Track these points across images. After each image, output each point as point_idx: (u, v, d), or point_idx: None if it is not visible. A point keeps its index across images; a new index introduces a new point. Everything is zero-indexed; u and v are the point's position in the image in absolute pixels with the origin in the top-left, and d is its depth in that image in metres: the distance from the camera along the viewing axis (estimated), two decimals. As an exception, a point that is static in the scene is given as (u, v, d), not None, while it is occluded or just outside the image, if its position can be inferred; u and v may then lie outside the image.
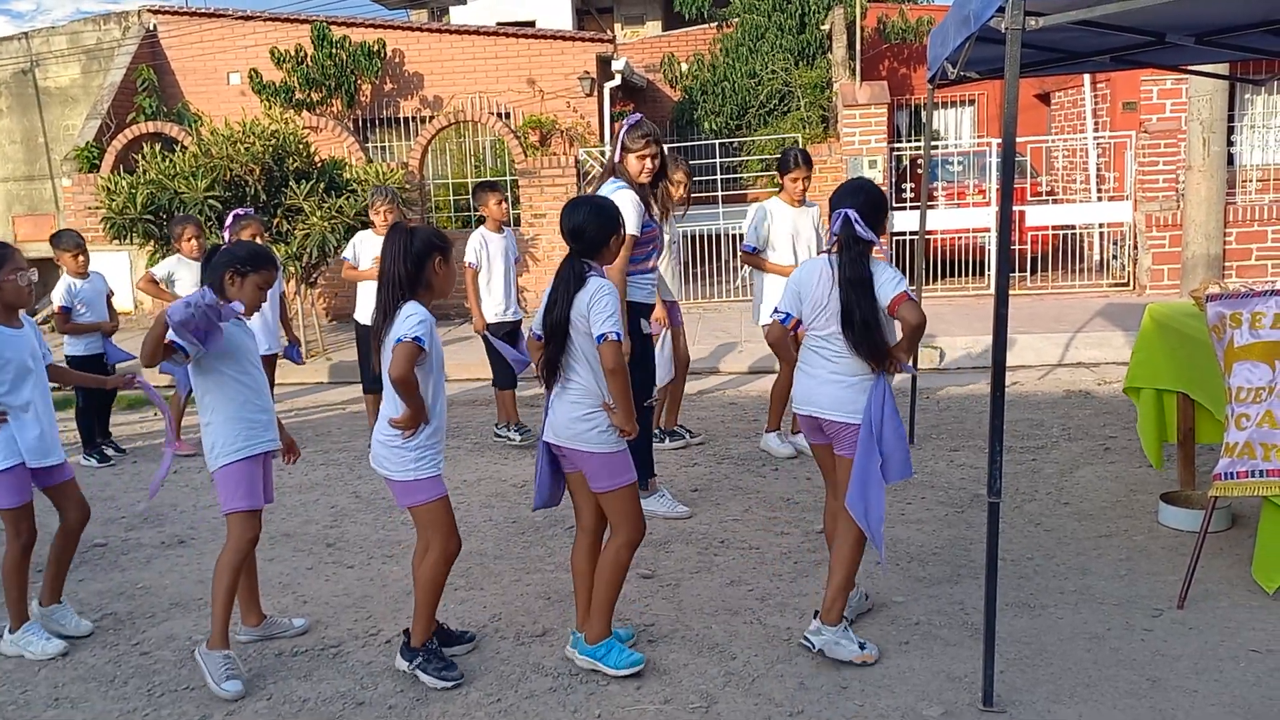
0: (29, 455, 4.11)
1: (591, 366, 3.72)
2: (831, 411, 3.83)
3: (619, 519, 3.79)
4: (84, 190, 13.28)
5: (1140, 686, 3.61)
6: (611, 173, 5.23)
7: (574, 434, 3.74)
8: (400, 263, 3.68)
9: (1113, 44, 5.42)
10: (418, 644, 3.88)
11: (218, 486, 3.97)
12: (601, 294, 3.66)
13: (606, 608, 3.84)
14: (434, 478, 3.79)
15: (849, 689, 3.68)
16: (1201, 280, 10.44)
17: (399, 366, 3.59)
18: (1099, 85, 13.78)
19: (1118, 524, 5.14)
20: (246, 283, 3.98)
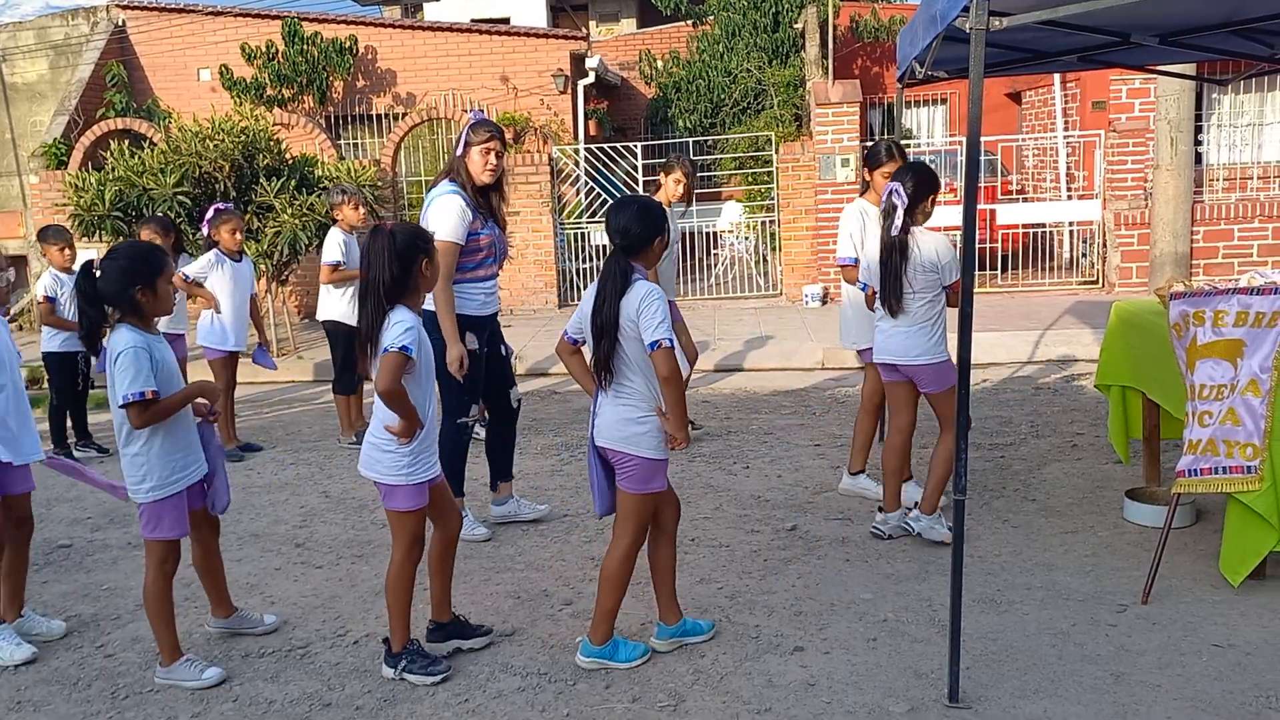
0: (2, 450, 4.04)
1: (643, 371, 3.71)
2: (902, 357, 4.86)
3: (628, 520, 3.81)
4: (52, 187, 13.13)
5: (1104, 681, 3.65)
6: (449, 173, 5.06)
7: (622, 436, 3.73)
8: (387, 267, 3.63)
9: (1079, 44, 5.46)
10: (398, 649, 3.86)
11: (144, 516, 3.85)
12: (650, 298, 3.63)
13: (611, 613, 3.87)
14: (422, 485, 3.78)
15: (817, 686, 3.69)
16: (1166, 278, 10.54)
17: (385, 379, 3.57)
18: (1069, 84, 13.89)
19: (1084, 520, 5.19)
20: (158, 289, 3.79)
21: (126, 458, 3.82)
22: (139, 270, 3.74)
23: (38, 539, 5.50)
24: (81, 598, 4.78)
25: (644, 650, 3.92)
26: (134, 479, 3.82)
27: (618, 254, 3.72)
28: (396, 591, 3.84)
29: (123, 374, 3.66)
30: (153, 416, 3.72)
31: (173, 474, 3.82)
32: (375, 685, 3.83)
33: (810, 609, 4.31)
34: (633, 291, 3.66)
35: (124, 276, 3.72)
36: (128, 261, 3.75)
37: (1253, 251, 11.74)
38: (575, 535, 5.29)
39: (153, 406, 3.70)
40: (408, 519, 3.81)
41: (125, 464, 3.83)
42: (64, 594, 4.83)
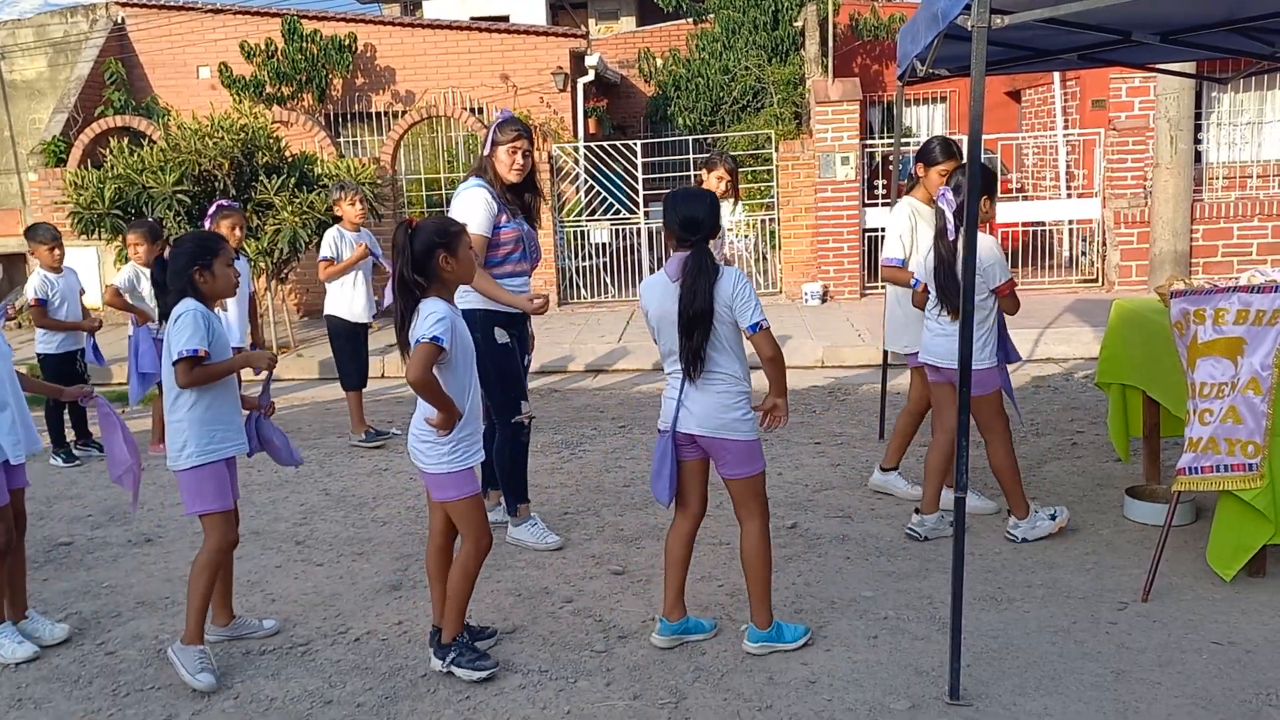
0: (12, 454, 4.05)
1: (736, 355, 3.78)
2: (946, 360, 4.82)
3: (753, 503, 3.87)
4: (50, 185, 13.12)
5: (1105, 679, 3.65)
6: (479, 170, 5.03)
7: (721, 423, 3.78)
8: (407, 263, 3.66)
9: (1080, 42, 5.46)
10: (449, 640, 3.86)
11: (182, 487, 3.91)
12: (742, 282, 3.74)
13: (768, 595, 3.91)
14: (466, 472, 3.79)
15: (817, 683, 3.69)
16: (1167, 277, 10.55)
17: (415, 369, 3.58)
18: (1069, 83, 13.88)
19: (1084, 518, 5.18)
20: (216, 271, 3.91)
21: (170, 424, 3.89)
22: (197, 253, 3.88)
23: (37, 536, 5.52)
24: (82, 595, 4.78)
25: (805, 630, 3.97)
26: (174, 446, 3.87)
27: (701, 247, 3.74)
28: (462, 582, 3.83)
29: (179, 332, 3.78)
30: (199, 376, 3.81)
31: (210, 442, 3.86)
32: (376, 682, 3.83)
33: (811, 606, 4.31)
34: (724, 278, 3.72)
35: (183, 259, 3.87)
36: (190, 246, 3.93)
37: (1252, 250, 11.74)
38: (576, 533, 5.29)
39: (200, 366, 3.79)
40: (466, 506, 3.79)
41: (169, 432, 3.90)
42: (64, 592, 4.82)
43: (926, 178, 5.40)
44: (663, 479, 3.89)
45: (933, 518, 5.01)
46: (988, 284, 4.73)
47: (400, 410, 8.08)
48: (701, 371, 3.76)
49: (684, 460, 3.92)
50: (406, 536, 5.35)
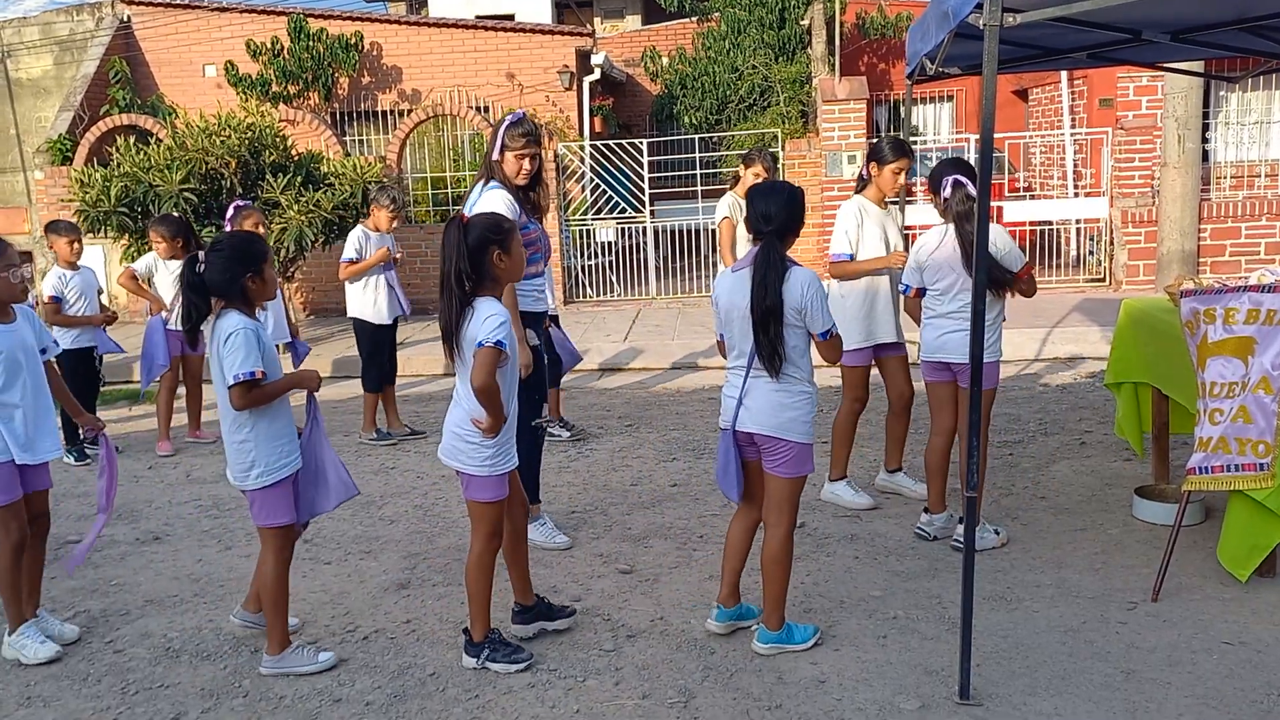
0: (16, 453, 4.04)
1: (799, 356, 3.77)
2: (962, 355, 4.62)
3: (785, 505, 3.85)
4: (57, 183, 13.14)
5: (1115, 679, 3.64)
6: (489, 173, 4.94)
7: (779, 423, 3.77)
8: (457, 260, 3.64)
9: (1089, 41, 5.44)
10: (480, 638, 3.87)
11: (255, 504, 3.87)
12: (814, 285, 3.72)
13: (783, 598, 3.90)
14: (504, 476, 3.81)
15: (827, 683, 3.68)
16: (1176, 276, 10.51)
17: (482, 374, 3.57)
18: (1076, 82, 13.86)
19: (1093, 518, 5.18)
20: (266, 275, 3.86)
21: (233, 445, 3.83)
22: (247, 259, 3.79)
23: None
24: (90, 593, 4.78)
25: (815, 630, 3.96)
26: (241, 466, 3.83)
27: (772, 242, 3.74)
28: (478, 581, 3.84)
29: (233, 353, 3.69)
30: (255, 399, 3.75)
31: (278, 459, 3.84)
32: (385, 681, 3.83)
33: (820, 606, 4.30)
34: (793, 278, 3.71)
35: (233, 266, 3.75)
36: (235, 251, 3.81)
37: (1260, 249, 11.72)
38: (583, 532, 5.29)
39: (257, 388, 3.73)
40: (488, 509, 3.82)
41: (232, 452, 3.84)
42: (72, 590, 4.82)
43: (879, 176, 5.41)
44: (729, 476, 3.90)
45: (941, 517, 5.00)
46: (1011, 269, 4.72)
47: (405, 409, 8.06)
48: (780, 369, 3.74)
49: (748, 460, 3.92)
50: (414, 535, 5.35)
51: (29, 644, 4.09)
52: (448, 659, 3.97)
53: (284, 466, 3.85)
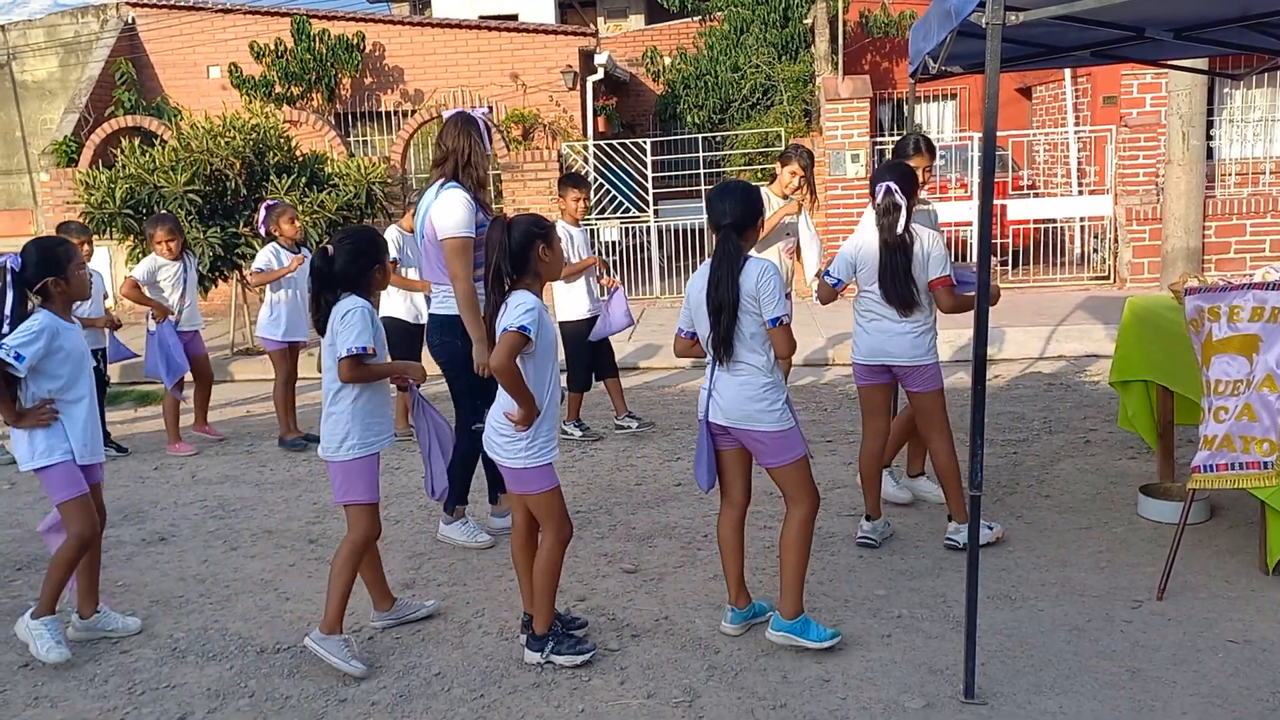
0: (79, 452, 4.08)
1: (761, 347, 3.79)
2: (902, 358, 4.73)
3: (797, 491, 3.87)
4: (62, 185, 13.17)
5: (1120, 678, 3.64)
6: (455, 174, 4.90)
7: (746, 414, 3.80)
8: (499, 257, 3.71)
9: (1093, 39, 5.44)
10: (543, 631, 3.88)
11: (337, 477, 3.96)
12: (768, 274, 3.74)
13: (799, 583, 3.89)
14: (546, 467, 3.82)
15: (831, 682, 3.69)
16: (1180, 274, 10.50)
17: (499, 355, 3.63)
18: (1080, 79, 13.85)
19: (1098, 516, 5.17)
20: (386, 267, 4.05)
21: (330, 419, 3.93)
22: (374, 251, 3.97)
23: (52, 535, 5.53)
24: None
25: (834, 634, 3.92)
26: (334, 439, 3.92)
27: (729, 234, 3.78)
28: (549, 574, 3.85)
29: (349, 329, 3.82)
30: (362, 374, 3.87)
31: (369, 435, 3.93)
32: (390, 680, 3.83)
33: (824, 605, 4.30)
34: (749, 268, 3.74)
35: (361, 258, 3.91)
36: (364, 244, 3.97)
37: (1265, 246, 11.71)
38: (588, 531, 5.29)
39: (364, 364, 3.85)
40: (546, 499, 3.83)
41: (327, 427, 3.94)
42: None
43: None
44: (701, 466, 3.95)
45: (881, 522, 5.00)
46: (928, 275, 4.65)
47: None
48: (730, 359, 3.79)
49: (721, 449, 3.95)
50: (419, 535, 5.36)
51: (46, 639, 4.08)
52: (453, 659, 3.98)
53: (373, 444, 3.95)
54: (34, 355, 3.94)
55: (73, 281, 4.06)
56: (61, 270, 4.02)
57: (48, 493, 4.14)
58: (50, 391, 4.03)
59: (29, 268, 3.99)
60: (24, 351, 3.91)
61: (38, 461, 4.03)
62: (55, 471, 4.04)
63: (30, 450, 4.03)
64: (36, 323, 3.97)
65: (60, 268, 4.02)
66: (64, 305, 4.09)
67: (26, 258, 4.01)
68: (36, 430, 4.01)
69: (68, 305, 4.12)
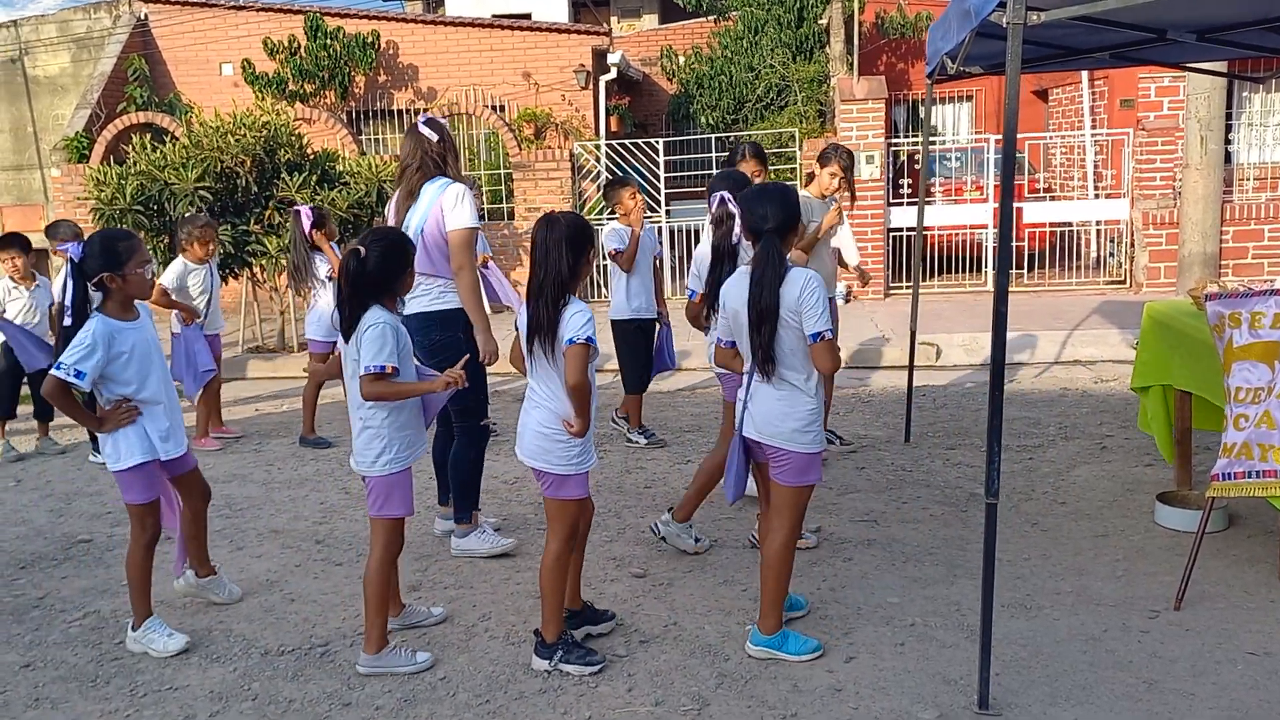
0: (161, 448, 4.06)
1: (801, 363, 3.68)
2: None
3: (787, 513, 3.79)
4: (73, 181, 13.18)
5: (1137, 689, 3.57)
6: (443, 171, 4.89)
7: (779, 432, 3.71)
8: (560, 260, 3.63)
9: (1113, 40, 5.37)
10: (553, 639, 3.84)
11: (376, 491, 3.86)
12: (812, 286, 3.61)
13: (780, 603, 3.84)
14: (586, 475, 3.80)
15: (843, 691, 3.62)
16: (1198, 279, 10.40)
17: (578, 371, 3.58)
18: (1097, 82, 13.75)
19: (1114, 524, 5.10)
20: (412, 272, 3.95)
21: (365, 432, 3.83)
22: (406, 256, 3.84)
23: (57, 533, 5.53)
24: (100, 593, 4.75)
25: (816, 646, 3.87)
26: (369, 453, 3.83)
27: (771, 240, 3.67)
28: (553, 582, 3.81)
29: (370, 345, 3.69)
30: (382, 392, 3.74)
31: (404, 448, 3.87)
32: (395, 685, 3.78)
33: (836, 613, 4.24)
34: (793, 278, 3.62)
35: (394, 260, 3.78)
36: (395, 247, 3.82)
37: (1283, 252, 11.60)
38: (597, 535, 5.23)
39: (384, 382, 3.72)
40: (571, 507, 3.80)
41: (361, 440, 3.84)
42: (83, 589, 4.80)
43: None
44: (729, 478, 3.90)
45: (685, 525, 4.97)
46: None
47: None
48: (773, 373, 3.69)
49: (758, 462, 3.87)
50: (425, 537, 5.31)
51: (156, 637, 4.09)
52: (459, 663, 3.93)
53: (408, 457, 3.89)
54: (94, 369, 3.88)
55: (130, 280, 3.97)
56: (119, 266, 3.93)
57: (121, 492, 4.11)
58: (123, 394, 4.00)
59: (89, 259, 3.92)
60: (83, 368, 3.86)
61: (125, 462, 4.00)
62: (133, 474, 4.03)
63: (116, 451, 4.01)
64: (89, 333, 3.88)
65: (119, 264, 3.93)
66: (121, 303, 4.01)
67: (89, 249, 3.94)
68: (119, 431, 3.99)
69: (126, 304, 4.02)
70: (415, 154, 4.91)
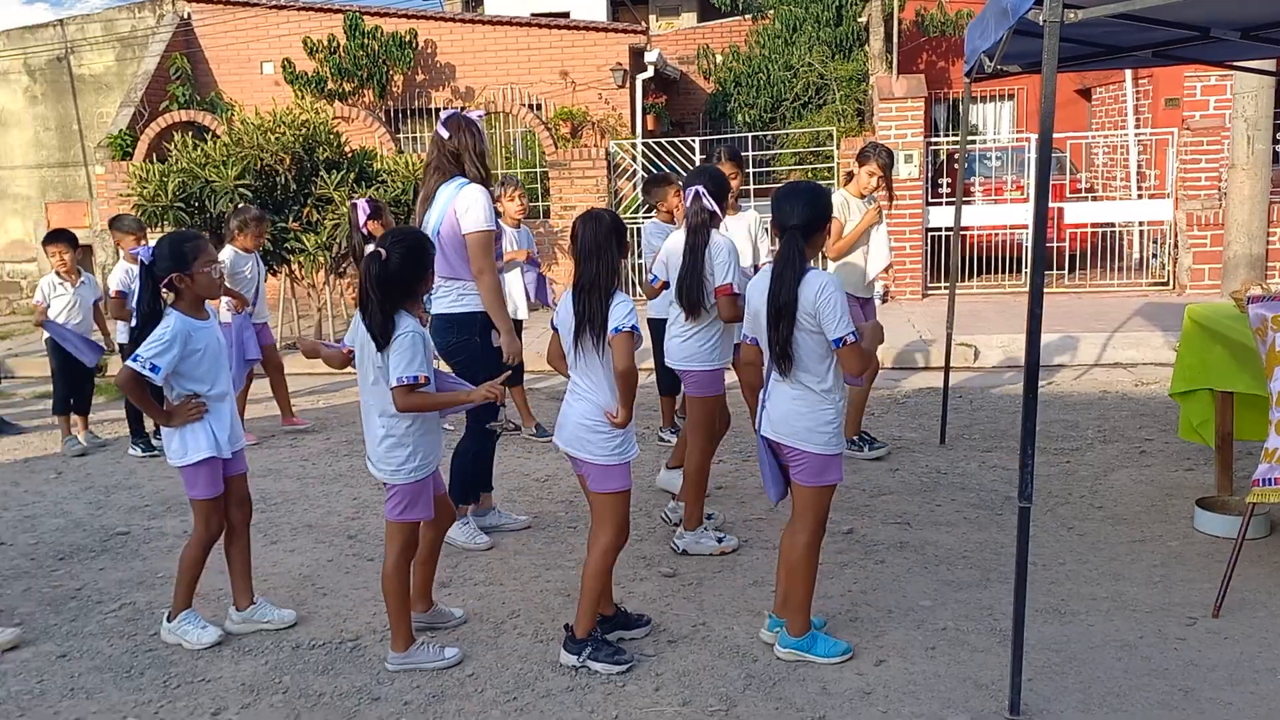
0: (224, 445, 4.11)
1: (818, 365, 3.66)
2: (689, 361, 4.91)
3: (808, 515, 3.77)
4: (117, 178, 13.36)
5: (1172, 697, 3.51)
6: (460, 170, 4.89)
7: (793, 431, 3.70)
8: (610, 253, 3.70)
9: (1155, 38, 5.28)
10: (583, 635, 3.84)
11: (395, 497, 3.88)
12: (828, 290, 3.57)
13: (806, 604, 3.81)
14: (628, 464, 3.80)
15: (873, 694, 3.59)
16: (1242, 281, 10.25)
17: (626, 357, 3.62)
18: (1141, 81, 13.56)
19: (1152, 529, 5.02)
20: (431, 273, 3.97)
21: (387, 440, 3.81)
22: (426, 255, 3.83)
23: (95, 525, 5.59)
24: (137, 585, 4.81)
25: (846, 648, 3.84)
26: (393, 461, 3.83)
27: (794, 237, 3.65)
28: (600, 576, 3.81)
29: (401, 355, 3.68)
30: (415, 403, 3.74)
31: (429, 455, 3.89)
32: (424, 680, 3.80)
33: (867, 615, 4.20)
34: (809, 280, 3.60)
35: (416, 261, 3.76)
36: (418, 247, 3.80)
37: (1331, 254, 11.37)
38: (627, 533, 5.23)
39: (420, 393, 3.73)
40: (619, 500, 3.80)
41: (383, 448, 3.82)
42: (120, 581, 4.86)
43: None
44: (766, 479, 3.88)
45: (692, 534, 4.93)
46: (716, 279, 4.75)
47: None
48: (789, 372, 3.66)
49: (784, 463, 3.84)
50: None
51: (190, 629, 4.14)
52: (487, 660, 3.94)
53: (432, 462, 3.91)
54: (169, 363, 3.94)
55: (198, 279, 4.03)
56: (187, 266, 4.00)
57: (186, 488, 4.15)
58: (194, 391, 4.05)
59: (159, 261, 3.99)
60: (159, 362, 3.92)
61: (191, 458, 4.04)
62: (199, 469, 4.07)
63: (182, 446, 4.05)
64: (168, 329, 3.95)
65: (186, 264, 4.00)
66: (193, 302, 4.07)
67: (158, 251, 4.00)
68: (187, 426, 4.04)
69: (197, 303, 4.09)
70: (433, 154, 4.95)
